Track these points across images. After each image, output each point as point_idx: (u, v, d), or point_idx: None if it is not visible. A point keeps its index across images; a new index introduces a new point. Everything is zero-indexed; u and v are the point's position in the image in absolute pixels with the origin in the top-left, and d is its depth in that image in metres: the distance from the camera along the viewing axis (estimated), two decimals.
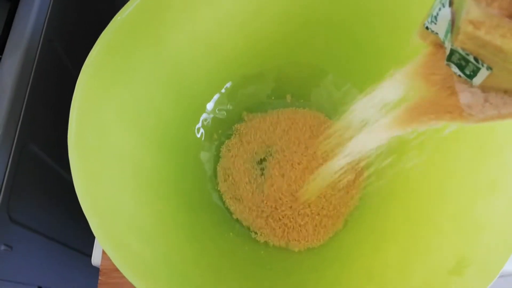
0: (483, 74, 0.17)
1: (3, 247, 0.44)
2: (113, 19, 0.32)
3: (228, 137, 0.47)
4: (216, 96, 0.45)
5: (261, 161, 0.46)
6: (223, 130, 0.46)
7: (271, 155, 0.45)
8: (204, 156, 0.44)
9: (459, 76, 0.19)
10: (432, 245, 0.31)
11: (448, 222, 0.31)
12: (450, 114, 0.20)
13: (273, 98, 0.48)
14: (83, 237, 0.62)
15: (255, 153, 0.46)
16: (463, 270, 0.28)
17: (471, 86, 0.19)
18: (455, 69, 0.19)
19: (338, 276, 0.36)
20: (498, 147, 0.30)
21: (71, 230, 0.59)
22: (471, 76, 0.18)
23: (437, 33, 0.20)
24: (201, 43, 0.40)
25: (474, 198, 0.30)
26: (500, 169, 0.30)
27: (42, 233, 0.54)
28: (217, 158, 0.46)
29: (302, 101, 0.48)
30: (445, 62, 0.19)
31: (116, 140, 0.33)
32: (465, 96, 0.19)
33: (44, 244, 0.54)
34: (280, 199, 0.43)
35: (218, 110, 0.45)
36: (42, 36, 0.50)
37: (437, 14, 0.20)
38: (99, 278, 0.40)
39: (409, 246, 0.33)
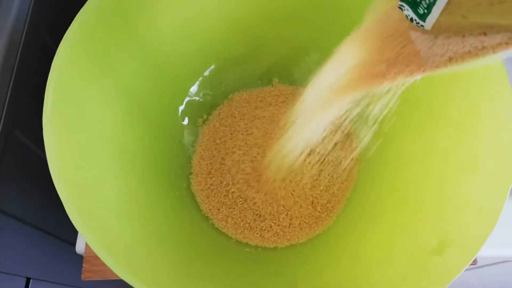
0: (440, 4, 0.17)
1: None
2: None
3: None
4: (199, 79, 0.44)
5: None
6: (208, 114, 0.46)
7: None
8: (188, 140, 0.44)
9: (412, 21, 0.19)
10: (415, 226, 0.31)
11: (431, 202, 0.32)
12: (408, 67, 0.20)
13: (259, 82, 0.47)
14: (70, 225, 0.61)
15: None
16: (444, 250, 0.28)
17: (424, 33, 0.19)
18: (407, 11, 0.19)
19: (324, 263, 0.36)
20: (481, 127, 0.30)
21: (57, 219, 0.58)
22: (424, 16, 0.18)
23: None
24: (183, 25, 0.39)
25: (456, 178, 0.31)
26: (482, 149, 0.30)
27: (28, 222, 0.53)
28: None
29: (287, 84, 0.47)
30: (398, 4, 0.19)
31: (95, 119, 0.32)
32: (419, 42, 0.19)
33: (30, 233, 0.54)
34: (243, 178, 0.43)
35: (202, 94, 0.45)
36: (27, 21, 0.50)
37: None
38: (83, 265, 0.40)
39: (394, 227, 0.33)
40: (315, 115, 0.28)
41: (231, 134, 0.45)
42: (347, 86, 0.24)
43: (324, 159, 0.42)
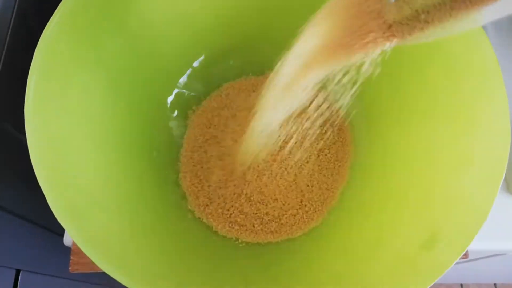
0: None
1: None
2: None
3: None
4: (189, 71, 0.44)
5: None
6: (198, 106, 0.45)
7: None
8: (178, 132, 0.43)
9: None
10: (405, 220, 0.31)
11: (421, 197, 0.31)
12: (374, 33, 0.20)
13: (250, 73, 0.46)
14: None
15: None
16: (434, 245, 0.27)
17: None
18: None
19: (314, 257, 0.35)
20: (472, 123, 0.30)
21: (47, 210, 0.58)
22: None
23: None
24: (172, 14, 0.38)
25: (447, 173, 0.30)
26: (473, 144, 0.30)
27: (16, 213, 0.53)
28: None
29: None
30: None
31: (79, 110, 0.32)
32: (386, 11, 0.19)
33: (20, 225, 0.53)
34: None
35: (192, 85, 0.44)
36: (15, 10, 0.49)
37: None
38: (71, 258, 0.39)
39: (384, 221, 0.33)
40: (284, 95, 0.28)
41: (220, 125, 0.45)
42: (316, 60, 0.24)
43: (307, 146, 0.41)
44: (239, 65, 0.46)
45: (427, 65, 0.34)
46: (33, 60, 0.29)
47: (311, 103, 0.31)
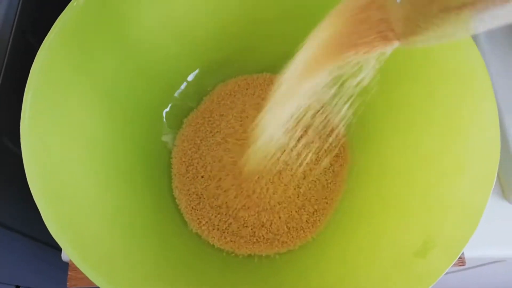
0: None
1: None
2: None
3: None
4: (184, 84, 0.44)
5: None
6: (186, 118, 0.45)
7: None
8: (171, 145, 0.44)
9: None
10: (400, 228, 0.32)
11: (416, 204, 0.32)
12: (380, 35, 0.21)
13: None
14: None
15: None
16: (427, 252, 0.28)
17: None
18: None
19: (311, 266, 0.36)
20: (464, 129, 0.31)
21: (45, 225, 0.58)
22: None
23: None
24: (167, 26, 0.39)
25: (440, 180, 0.31)
26: (465, 151, 0.30)
27: (15, 229, 0.53)
28: None
29: None
30: None
31: (75, 123, 0.32)
32: (392, 13, 0.19)
33: (18, 241, 0.53)
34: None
35: (188, 97, 0.45)
36: (14, 27, 0.49)
37: None
38: (69, 273, 0.39)
39: (379, 229, 0.33)
40: (290, 94, 0.28)
41: (212, 129, 0.44)
42: (320, 58, 0.24)
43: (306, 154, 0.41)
44: (234, 75, 0.46)
45: (420, 74, 0.35)
46: (29, 76, 0.29)
47: (310, 115, 0.31)
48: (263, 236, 0.40)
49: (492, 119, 0.29)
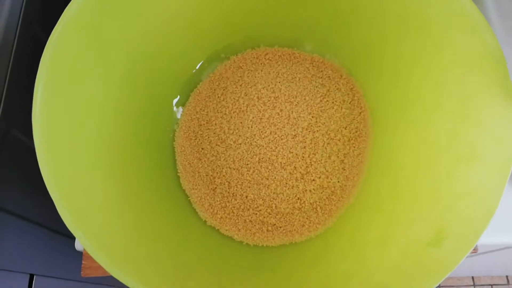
0: None
1: None
2: None
3: None
4: (193, 71, 0.43)
5: None
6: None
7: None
8: None
9: None
10: (412, 218, 0.31)
11: (428, 193, 0.31)
12: None
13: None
14: None
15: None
16: (441, 242, 0.27)
17: None
18: None
19: (320, 255, 0.35)
20: (478, 116, 0.30)
21: (56, 214, 0.59)
22: None
23: None
24: (176, 18, 0.38)
25: (454, 168, 0.30)
26: (479, 138, 0.29)
27: (28, 218, 0.53)
28: None
29: None
30: None
31: (85, 115, 0.32)
32: None
33: (31, 230, 0.54)
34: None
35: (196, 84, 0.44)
36: (21, 18, 0.49)
37: None
38: (82, 262, 0.40)
39: (390, 219, 0.33)
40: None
41: (215, 112, 0.43)
42: None
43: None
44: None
45: (432, 59, 0.34)
46: (39, 67, 0.29)
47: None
48: (275, 224, 0.39)
49: (507, 103, 0.28)
